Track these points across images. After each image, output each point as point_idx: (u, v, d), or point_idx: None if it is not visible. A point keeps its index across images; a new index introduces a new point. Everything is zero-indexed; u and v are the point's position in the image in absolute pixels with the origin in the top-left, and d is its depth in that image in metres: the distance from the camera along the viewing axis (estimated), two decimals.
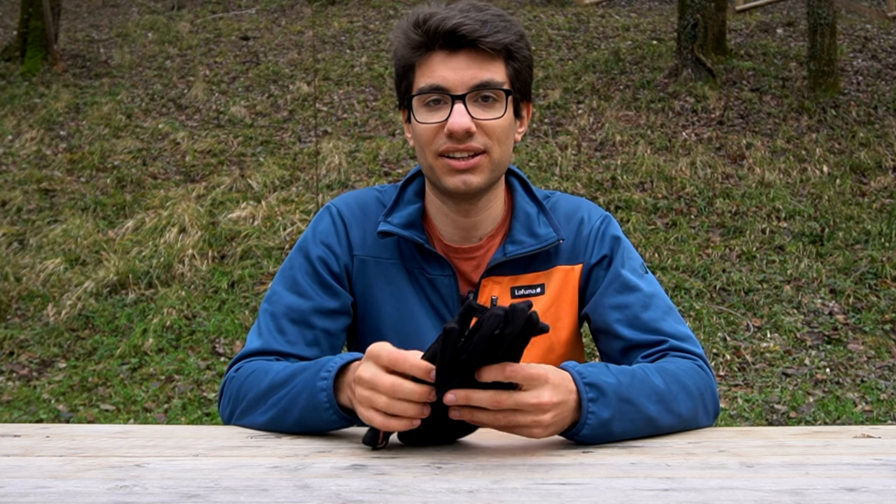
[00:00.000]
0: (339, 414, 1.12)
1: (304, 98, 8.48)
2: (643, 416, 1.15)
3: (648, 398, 1.15)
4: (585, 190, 6.46)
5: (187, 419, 4.13)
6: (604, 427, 1.10)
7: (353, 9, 11.49)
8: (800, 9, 10.78)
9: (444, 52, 1.28)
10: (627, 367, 1.20)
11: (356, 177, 6.79)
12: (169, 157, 7.47)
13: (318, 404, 1.13)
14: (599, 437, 1.10)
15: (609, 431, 1.11)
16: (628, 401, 1.13)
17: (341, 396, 1.13)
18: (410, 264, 1.38)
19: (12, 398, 4.41)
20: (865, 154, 6.92)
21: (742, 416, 4.04)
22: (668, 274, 5.37)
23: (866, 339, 4.74)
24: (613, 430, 1.12)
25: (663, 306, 1.36)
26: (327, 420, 1.14)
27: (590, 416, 1.08)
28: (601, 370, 1.14)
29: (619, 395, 1.12)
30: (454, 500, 0.88)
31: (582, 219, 1.42)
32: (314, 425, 1.17)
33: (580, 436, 1.09)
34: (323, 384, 1.13)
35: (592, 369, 1.13)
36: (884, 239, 5.69)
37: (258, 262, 5.66)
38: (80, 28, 11.45)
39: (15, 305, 5.42)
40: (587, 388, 1.09)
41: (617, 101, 8.01)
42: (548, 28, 10.23)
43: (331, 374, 1.13)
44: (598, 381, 1.11)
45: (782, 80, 8.26)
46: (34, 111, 8.47)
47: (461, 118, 1.25)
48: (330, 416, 1.13)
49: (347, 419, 1.13)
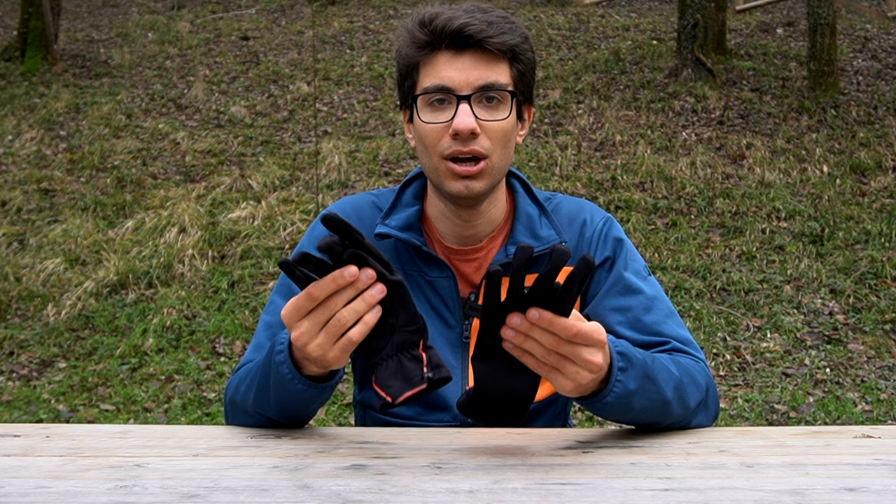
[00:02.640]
0: (304, 382, 1.11)
1: (304, 98, 8.48)
2: (661, 397, 1.14)
3: (667, 381, 1.15)
4: (585, 190, 6.46)
5: (187, 419, 4.13)
6: (627, 398, 1.09)
7: (353, 9, 11.49)
8: (800, 9, 10.78)
9: (450, 52, 1.27)
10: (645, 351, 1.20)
11: (356, 177, 6.79)
12: (169, 157, 7.47)
13: (283, 378, 1.12)
14: (619, 407, 1.09)
15: (629, 405, 1.10)
16: (652, 379, 1.12)
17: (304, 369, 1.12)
18: (408, 267, 1.38)
19: (12, 398, 4.41)
20: (865, 154, 6.92)
21: (742, 416, 4.04)
22: (668, 274, 5.37)
23: (866, 339, 4.74)
24: (633, 405, 1.11)
25: (665, 310, 1.36)
26: (297, 391, 1.12)
27: (617, 385, 1.07)
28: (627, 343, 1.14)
29: (645, 371, 1.11)
30: (454, 500, 0.88)
31: (584, 221, 1.42)
32: (293, 403, 1.16)
33: (602, 402, 1.07)
34: (280, 357, 1.11)
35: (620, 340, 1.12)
36: (884, 239, 5.69)
37: (258, 262, 5.66)
38: (80, 28, 11.45)
39: (15, 305, 5.42)
40: (619, 357, 1.08)
41: (617, 101, 8.01)
42: (548, 28, 10.23)
43: (284, 344, 1.12)
44: (628, 351, 1.10)
45: (782, 80, 8.26)
46: (34, 111, 8.47)
47: (466, 118, 1.25)
48: (297, 387, 1.11)
49: (317, 386, 1.12)
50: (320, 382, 1.12)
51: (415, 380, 1.05)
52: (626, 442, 1.14)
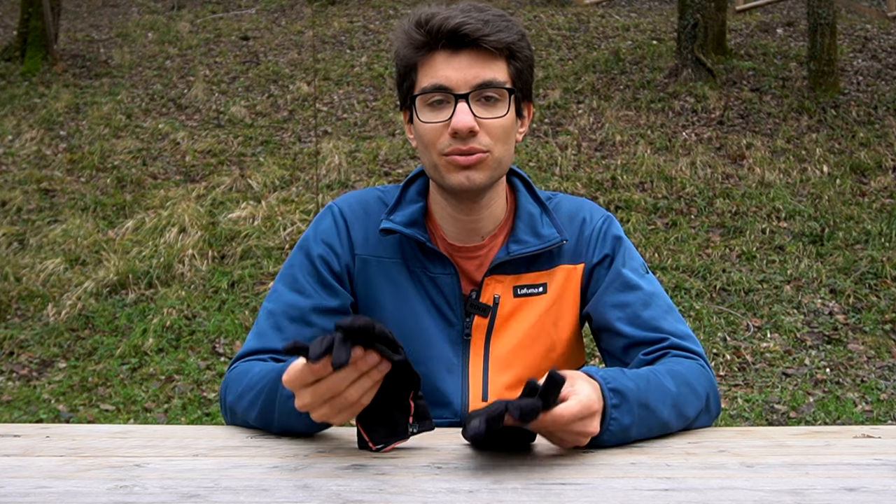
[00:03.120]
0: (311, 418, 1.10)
1: (304, 98, 8.48)
2: (658, 421, 1.16)
3: (663, 403, 1.16)
4: (585, 190, 6.46)
5: (187, 419, 4.13)
6: (623, 433, 1.10)
7: (353, 9, 11.49)
8: (800, 9, 10.78)
9: (447, 51, 1.28)
10: (640, 371, 1.21)
11: (356, 177, 6.79)
12: (169, 157, 7.47)
13: (290, 409, 1.11)
14: (616, 441, 1.10)
15: (626, 436, 1.11)
16: (646, 406, 1.13)
17: None
18: (412, 263, 1.38)
19: (12, 398, 4.41)
20: (865, 154, 6.92)
21: (742, 416, 4.04)
22: (668, 274, 5.37)
23: (866, 339, 4.74)
24: (631, 436, 1.12)
25: (664, 305, 1.37)
26: (303, 425, 1.12)
27: (612, 423, 1.08)
28: (619, 375, 1.14)
29: (639, 401, 1.12)
30: (454, 500, 0.88)
31: (584, 219, 1.42)
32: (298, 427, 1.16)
33: (599, 441, 1.09)
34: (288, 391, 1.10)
35: (612, 374, 1.13)
36: (884, 239, 5.69)
37: (258, 262, 5.67)
38: (80, 28, 11.45)
39: (15, 305, 5.42)
40: (612, 394, 1.09)
41: (617, 101, 8.01)
42: (548, 28, 10.23)
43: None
44: (621, 386, 1.11)
45: (782, 80, 8.26)
46: (34, 111, 8.47)
47: (465, 117, 1.26)
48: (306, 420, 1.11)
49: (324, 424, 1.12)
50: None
51: (398, 430, 1.07)
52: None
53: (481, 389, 1.36)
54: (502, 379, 1.37)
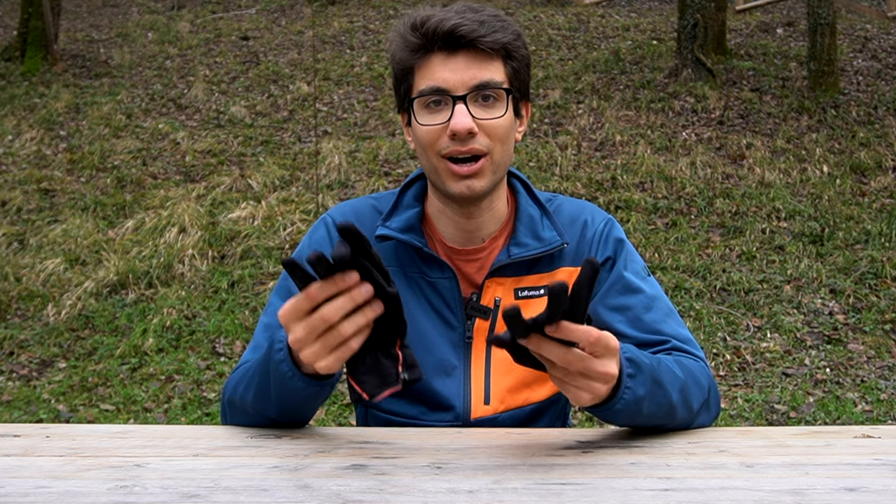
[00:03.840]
0: (303, 380, 1.11)
1: (304, 98, 8.48)
2: (668, 401, 1.14)
3: (672, 386, 1.16)
4: (585, 190, 6.46)
5: (187, 419, 4.13)
6: (636, 405, 1.08)
7: (353, 9, 11.49)
8: (800, 9, 10.78)
9: (443, 53, 1.28)
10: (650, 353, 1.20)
11: (356, 177, 6.79)
12: (169, 157, 7.47)
13: (283, 376, 1.12)
14: (628, 414, 1.09)
15: (638, 410, 1.10)
16: (659, 383, 1.12)
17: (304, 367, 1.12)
18: (409, 269, 1.38)
19: (12, 398, 4.41)
20: (865, 154, 6.92)
21: (742, 416, 4.04)
22: (668, 274, 5.37)
23: (866, 339, 4.74)
24: (642, 410, 1.10)
25: (665, 308, 1.37)
26: (297, 388, 1.12)
27: (626, 392, 1.06)
28: (633, 348, 1.13)
29: (653, 376, 1.11)
30: (454, 500, 0.88)
31: (586, 221, 1.42)
32: (293, 401, 1.16)
33: (612, 410, 1.07)
34: (279, 355, 1.11)
35: (627, 345, 1.12)
36: (884, 239, 5.69)
37: (258, 262, 5.66)
38: (80, 28, 11.45)
39: (15, 305, 5.42)
40: (627, 363, 1.08)
41: (617, 101, 8.01)
42: (548, 28, 10.23)
43: (283, 342, 1.12)
44: (636, 356, 1.10)
45: (782, 80, 8.26)
46: (34, 111, 8.47)
47: (463, 118, 1.25)
48: (296, 384, 1.11)
49: (316, 383, 1.12)
50: (319, 380, 1.12)
51: (390, 379, 1.06)
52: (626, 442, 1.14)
53: (483, 392, 1.36)
54: (504, 381, 1.36)
